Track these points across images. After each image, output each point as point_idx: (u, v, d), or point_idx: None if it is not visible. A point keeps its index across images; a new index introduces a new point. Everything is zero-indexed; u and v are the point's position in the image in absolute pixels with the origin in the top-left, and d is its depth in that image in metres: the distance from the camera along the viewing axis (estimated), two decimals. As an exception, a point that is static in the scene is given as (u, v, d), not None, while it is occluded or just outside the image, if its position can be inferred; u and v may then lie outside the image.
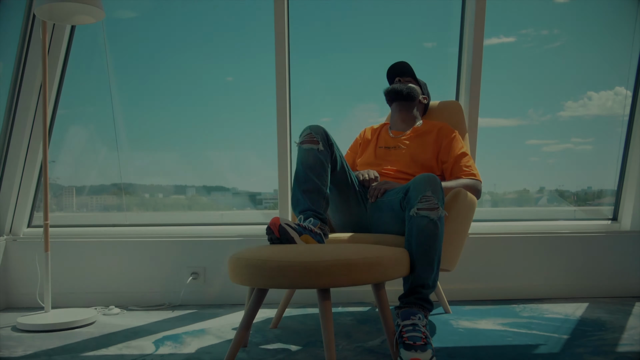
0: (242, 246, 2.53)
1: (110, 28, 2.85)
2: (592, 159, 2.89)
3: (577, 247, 2.61)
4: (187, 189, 3.17)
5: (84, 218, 2.98)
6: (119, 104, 2.93)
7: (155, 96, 3.09)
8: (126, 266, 2.57)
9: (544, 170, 3.00)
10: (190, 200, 3.17)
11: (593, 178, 2.97)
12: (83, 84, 2.99)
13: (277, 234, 1.68)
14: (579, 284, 2.59)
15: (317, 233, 1.77)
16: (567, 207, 3.05)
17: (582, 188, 3.01)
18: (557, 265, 2.60)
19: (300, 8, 2.71)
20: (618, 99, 2.78)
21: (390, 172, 2.20)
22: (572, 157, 2.86)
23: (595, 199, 3.00)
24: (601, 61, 2.83)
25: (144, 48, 3.10)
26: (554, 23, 2.82)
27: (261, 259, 1.51)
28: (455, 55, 2.66)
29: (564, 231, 2.65)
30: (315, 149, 1.92)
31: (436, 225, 1.71)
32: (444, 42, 2.89)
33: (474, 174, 2.16)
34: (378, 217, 2.01)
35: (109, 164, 3.05)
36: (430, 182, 1.74)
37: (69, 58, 2.65)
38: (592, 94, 2.80)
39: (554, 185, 3.02)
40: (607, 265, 2.61)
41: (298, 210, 1.89)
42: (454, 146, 2.22)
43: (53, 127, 2.71)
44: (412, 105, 2.35)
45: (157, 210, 3.19)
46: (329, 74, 3.08)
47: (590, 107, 2.81)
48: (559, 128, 2.88)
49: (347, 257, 1.49)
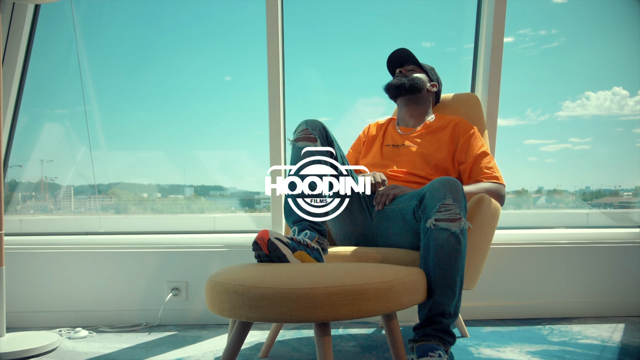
0: (229, 259, 2.23)
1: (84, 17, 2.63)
2: (590, 158, 2.88)
3: (608, 258, 2.31)
4: (184, 188, 3.07)
5: (59, 223, 2.69)
6: (117, 101, 2.85)
7: (150, 94, 3.01)
8: (97, 280, 2.26)
9: (542, 170, 2.94)
10: (188, 200, 3.08)
11: (591, 178, 2.96)
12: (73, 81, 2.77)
13: (265, 251, 1.38)
14: (611, 301, 2.29)
15: (314, 248, 1.47)
16: (583, 210, 2.88)
17: (580, 188, 2.95)
18: (585, 279, 2.30)
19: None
20: (616, 99, 2.77)
21: (399, 175, 1.90)
22: (570, 157, 2.85)
23: (593, 199, 2.95)
24: (599, 61, 2.81)
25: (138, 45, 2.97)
26: (551, 23, 2.78)
27: (244, 285, 1.20)
28: (454, 55, 2.58)
29: (592, 240, 2.34)
30: (312, 148, 1.63)
31: (458, 240, 1.41)
32: (442, 42, 2.84)
33: (497, 177, 1.86)
34: (386, 228, 1.71)
35: (112, 164, 2.96)
36: (450, 186, 1.44)
37: (34, 42, 2.33)
38: (590, 94, 2.79)
39: (552, 185, 2.99)
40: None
41: (291, 221, 1.59)
42: (473, 144, 1.91)
43: (16, 123, 2.40)
44: (420, 97, 2.05)
45: (155, 211, 3.07)
46: (327, 65, 2.95)
47: (588, 107, 2.80)
48: (557, 128, 2.86)
49: (352, 283, 1.19)
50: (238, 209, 3.07)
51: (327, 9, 2.89)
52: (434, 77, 2.12)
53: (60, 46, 2.74)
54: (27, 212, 2.88)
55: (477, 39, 2.34)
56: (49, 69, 2.74)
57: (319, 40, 2.93)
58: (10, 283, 2.14)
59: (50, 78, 2.78)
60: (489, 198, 1.67)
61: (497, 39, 2.13)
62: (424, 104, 2.06)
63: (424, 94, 2.06)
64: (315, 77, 2.91)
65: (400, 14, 2.83)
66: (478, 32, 2.32)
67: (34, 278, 2.25)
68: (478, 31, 2.32)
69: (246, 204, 3.08)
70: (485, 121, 2.10)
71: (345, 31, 2.89)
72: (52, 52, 2.71)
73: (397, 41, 2.66)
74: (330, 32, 2.92)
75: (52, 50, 2.70)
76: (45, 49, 2.58)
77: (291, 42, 2.49)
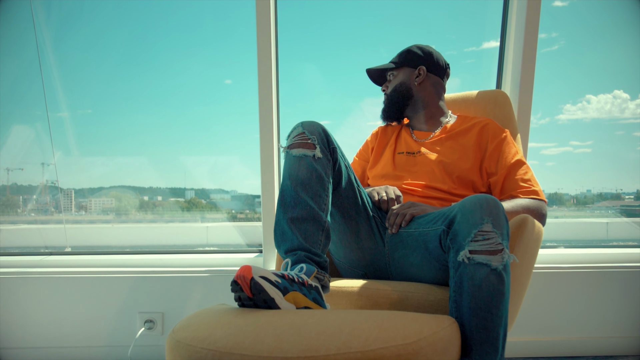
0: (213, 285, 1.90)
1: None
2: (591, 162, 2.88)
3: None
4: (185, 191, 3.07)
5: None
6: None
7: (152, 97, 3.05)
8: (56, 311, 1.91)
9: (542, 173, 2.88)
10: (189, 203, 3.10)
11: (592, 181, 2.96)
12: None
13: (248, 293, 1.04)
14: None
15: (311, 287, 1.14)
16: (603, 219, 2.86)
17: (581, 191, 2.96)
18: (635, 310, 1.96)
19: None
20: (617, 102, 2.76)
21: (416, 188, 1.56)
22: (571, 160, 2.85)
23: (594, 202, 2.98)
24: (600, 64, 2.77)
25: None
26: (552, 26, 2.72)
27: (213, 349, 0.87)
28: (454, 58, 2.39)
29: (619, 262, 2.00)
30: (310, 157, 1.29)
31: (500, 278, 1.08)
32: (443, 47, 2.80)
33: (536, 192, 1.52)
34: (402, 257, 1.38)
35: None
36: (489, 208, 1.11)
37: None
38: (591, 97, 2.80)
39: (552, 188, 2.98)
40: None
41: (284, 249, 1.25)
42: (506, 151, 1.57)
43: None
44: (418, 99, 1.70)
45: (155, 213, 3.08)
46: (327, 64, 2.88)
47: (589, 110, 2.80)
48: (557, 131, 2.86)
49: (364, 348, 0.85)
50: (238, 212, 3.03)
51: (330, 7, 2.81)
52: (416, 60, 1.69)
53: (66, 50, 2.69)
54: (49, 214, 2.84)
55: (504, 30, 2.00)
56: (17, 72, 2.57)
57: (320, 38, 2.85)
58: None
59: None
60: (532, 220, 1.33)
61: (531, 26, 1.80)
62: (429, 101, 1.70)
63: (418, 92, 1.69)
64: (315, 74, 2.68)
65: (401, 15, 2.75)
66: (505, 22, 1.99)
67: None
68: (505, 22, 1.99)
69: (247, 206, 3.03)
70: (516, 123, 1.76)
71: (348, 29, 2.80)
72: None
73: (395, 42, 2.56)
74: (332, 31, 2.84)
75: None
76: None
77: (290, 41, 2.26)
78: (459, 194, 1.54)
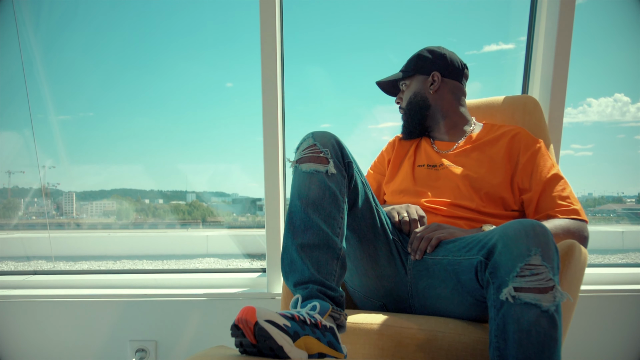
0: (210, 311, 1.73)
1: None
2: (592, 165, 2.90)
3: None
4: (187, 194, 3.07)
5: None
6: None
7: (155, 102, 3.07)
8: (38, 338, 1.74)
9: None
10: (190, 206, 3.10)
11: (593, 184, 2.96)
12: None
13: (251, 339, 0.87)
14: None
15: (325, 328, 0.96)
16: (617, 227, 2.97)
17: (583, 194, 2.93)
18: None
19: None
20: (617, 105, 2.77)
21: (440, 207, 1.39)
22: (572, 164, 2.79)
23: (596, 206, 3.01)
24: (600, 68, 2.75)
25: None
26: None
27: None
28: (474, 59, 2.35)
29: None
30: (323, 172, 1.12)
31: (553, 321, 0.91)
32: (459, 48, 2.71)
33: (577, 211, 1.34)
34: (427, 287, 1.20)
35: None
36: (537, 237, 0.94)
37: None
38: (592, 101, 2.81)
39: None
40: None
41: (293, 281, 1.08)
42: (540, 164, 1.40)
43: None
44: (435, 109, 1.52)
45: (156, 216, 3.05)
46: (335, 66, 2.87)
47: (590, 114, 2.81)
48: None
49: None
50: (240, 215, 3.02)
51: (338, 9, 2.75)
52: (427, 65, 1.52)
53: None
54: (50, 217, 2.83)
55: (530, 31, 1.83)
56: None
57: (327, 41, 2.80)
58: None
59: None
60: (579, 247, 1.16)
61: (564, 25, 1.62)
62: (448, 109, 1.52)
63: (435, 100, 1.52)
64: (322, 77, 2.55)
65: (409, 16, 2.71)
66: (532, 23, 1.82)
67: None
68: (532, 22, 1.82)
69: (248, 210, 3.02)
70: (548, 132, 1.59)
71: (356, 30, 2.75)
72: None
73: (401, 43, 2.58)
74: (340, 32, 2.80)
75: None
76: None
77: (296, 42, 2.11)
78: (488, 212, 1.36)
